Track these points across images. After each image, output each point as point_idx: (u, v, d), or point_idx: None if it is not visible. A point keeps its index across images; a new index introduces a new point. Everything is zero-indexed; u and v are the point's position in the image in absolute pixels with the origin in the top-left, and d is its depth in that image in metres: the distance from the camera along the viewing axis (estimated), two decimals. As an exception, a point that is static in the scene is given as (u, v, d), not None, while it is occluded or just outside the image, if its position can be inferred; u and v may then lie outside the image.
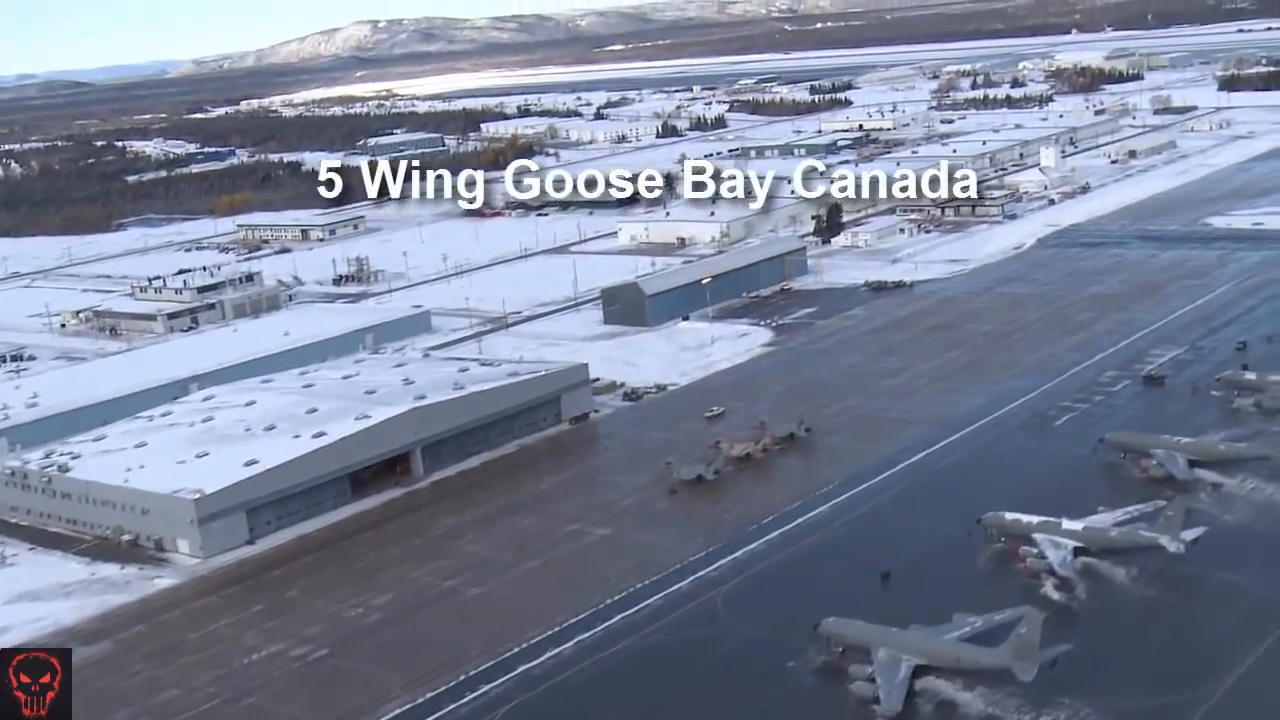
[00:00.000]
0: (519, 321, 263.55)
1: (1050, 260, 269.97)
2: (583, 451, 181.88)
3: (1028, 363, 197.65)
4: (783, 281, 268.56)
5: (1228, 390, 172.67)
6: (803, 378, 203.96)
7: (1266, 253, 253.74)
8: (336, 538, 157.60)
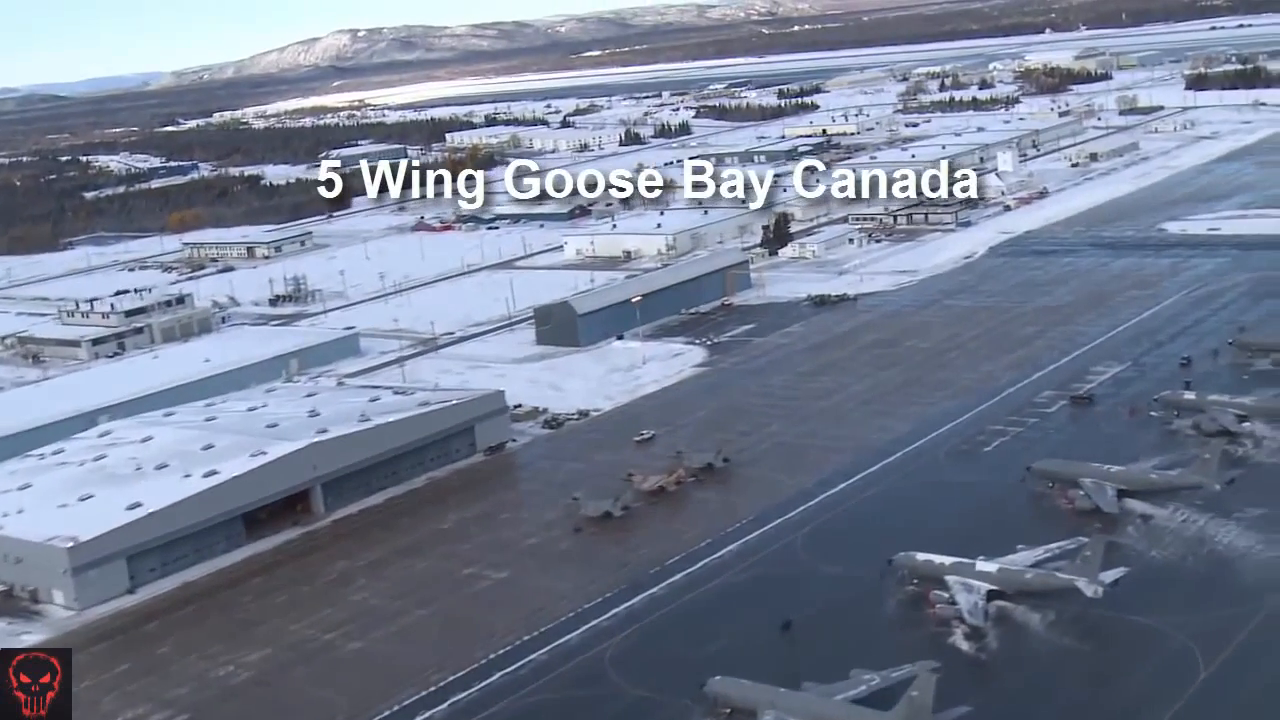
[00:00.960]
0: (450, 343, 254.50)
1: (1000, 270, 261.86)
2: (493, 485, 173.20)
3: (964, 382, 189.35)
4: (725, 296, 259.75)
5: (1166, 411, 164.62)
6: (730, 401, 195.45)
7: (1219, 260, 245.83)
8: (222, 585, 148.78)
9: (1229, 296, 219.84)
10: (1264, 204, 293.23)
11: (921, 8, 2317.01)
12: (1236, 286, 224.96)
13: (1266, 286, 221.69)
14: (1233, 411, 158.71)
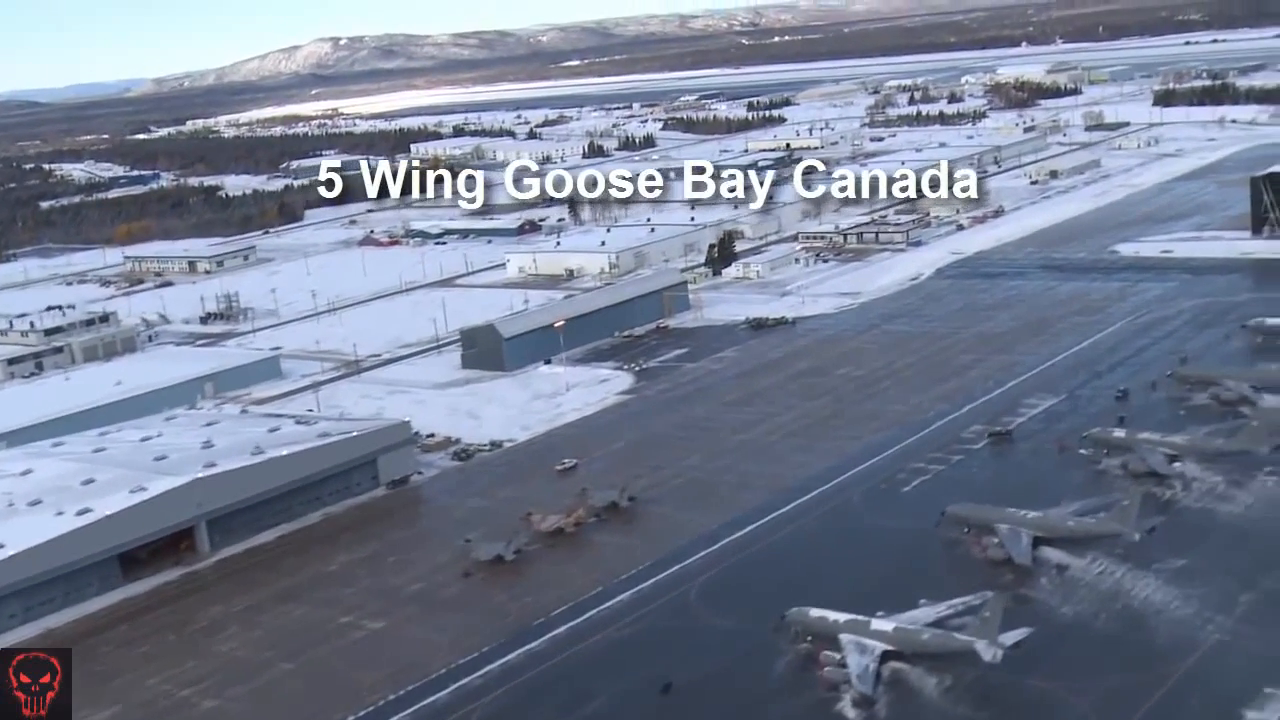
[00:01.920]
0: (376, 365, 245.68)
1: (944, 293, 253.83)
2: (389, 523, 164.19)
3: (891, 414, 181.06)
4: (661, 319, 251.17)
5: (1095, 449, 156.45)
6: (649, 432, 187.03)
7: (1169, 284, 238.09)
8: (87, 632, 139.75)
9: (1174, 324, 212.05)
10: (1220, 225, 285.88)
11: (902, 19, 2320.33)
12: (1182, 314, 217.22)
13: (1211, 314, 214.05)
14: (1163, 451, 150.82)
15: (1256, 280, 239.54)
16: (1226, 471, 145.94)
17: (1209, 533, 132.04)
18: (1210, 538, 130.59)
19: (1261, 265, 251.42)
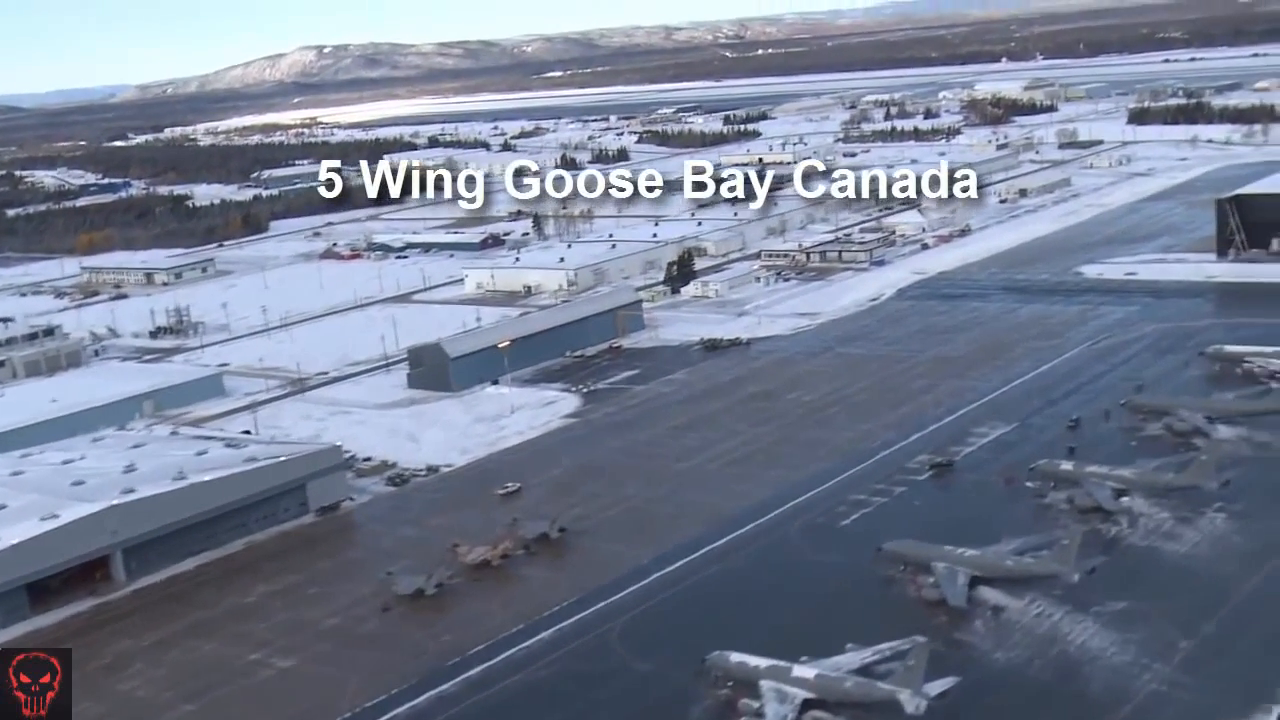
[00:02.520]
0: (322, 384, 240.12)
1: (904, 315, 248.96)
2: (314, 551, 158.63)
3: (838, 442, 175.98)
4: (614, 338, 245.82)
5: (1042, 482, 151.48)
6: (591, 458, 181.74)
7: (1130, 309, 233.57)
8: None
9: (1133, 350, 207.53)
10: (1186, 247, 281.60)
11: (886, 33, 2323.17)
12: (1142, 339, 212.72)
13: (1171, 339, 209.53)
14: (1111, 485, 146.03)
15: (1219, 304, 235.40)
16: (1175, 507, 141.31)
17: (1152, 573, 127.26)
18: (1153, 578, 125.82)
19: (1225, 289, 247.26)
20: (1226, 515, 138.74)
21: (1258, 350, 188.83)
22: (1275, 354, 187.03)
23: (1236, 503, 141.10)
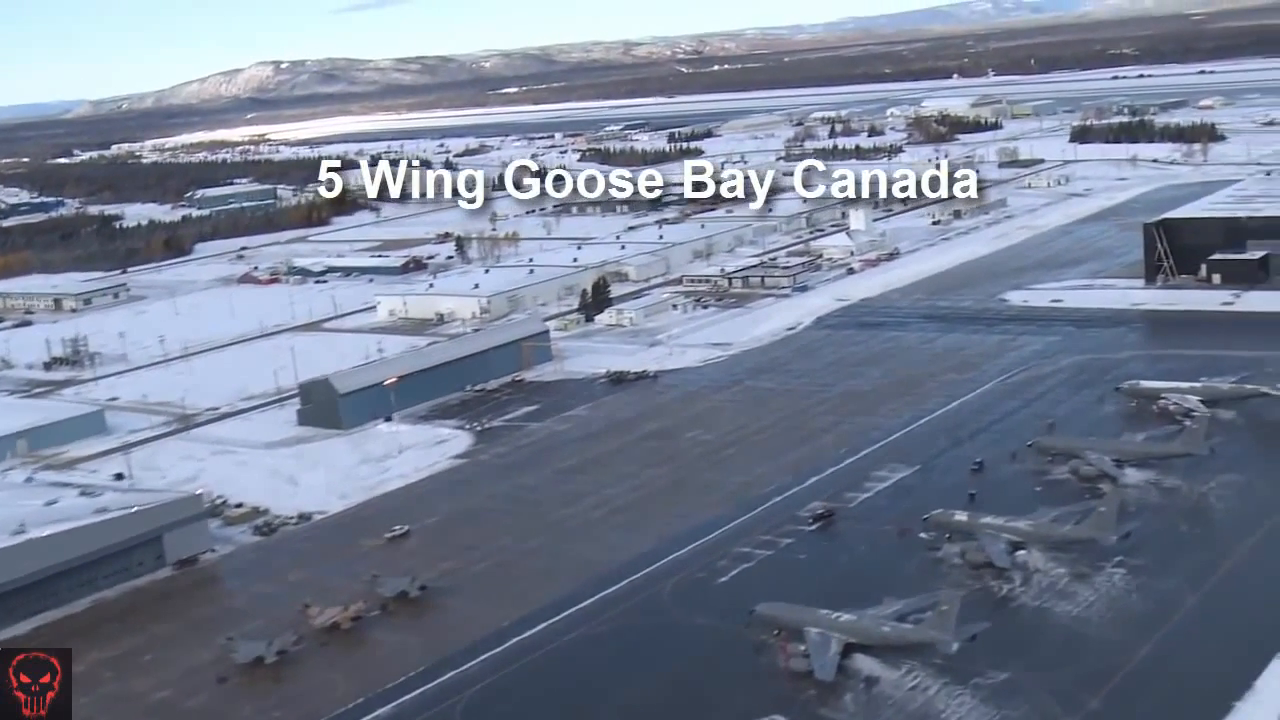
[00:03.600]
0: (211, 420, 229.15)
1: (819, 345, 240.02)
2: (161, 611, 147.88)
3: (731, 487, 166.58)
4: (518, 371, 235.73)
5: (937, 533, 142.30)
6: (472, 504, 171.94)
7: (1050, 339, 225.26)
8: None
9: (1049, 384, 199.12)
10: (1114, 272, 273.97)
11: (844, 49, 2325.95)
12: (1059, 372, 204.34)
13: (1090, 373, 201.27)
14: (1006, 537, 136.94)
15: (1142, 334, 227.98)
16: (1073, 562, 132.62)
17: (1040, 639, 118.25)
18: (1040, 645, 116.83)
19: (1150, 317, 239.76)
20: (1126, 571, 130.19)
21: (1173, 386, 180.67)
22: (1191, 390, 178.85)
23: (1138, 556, 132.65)
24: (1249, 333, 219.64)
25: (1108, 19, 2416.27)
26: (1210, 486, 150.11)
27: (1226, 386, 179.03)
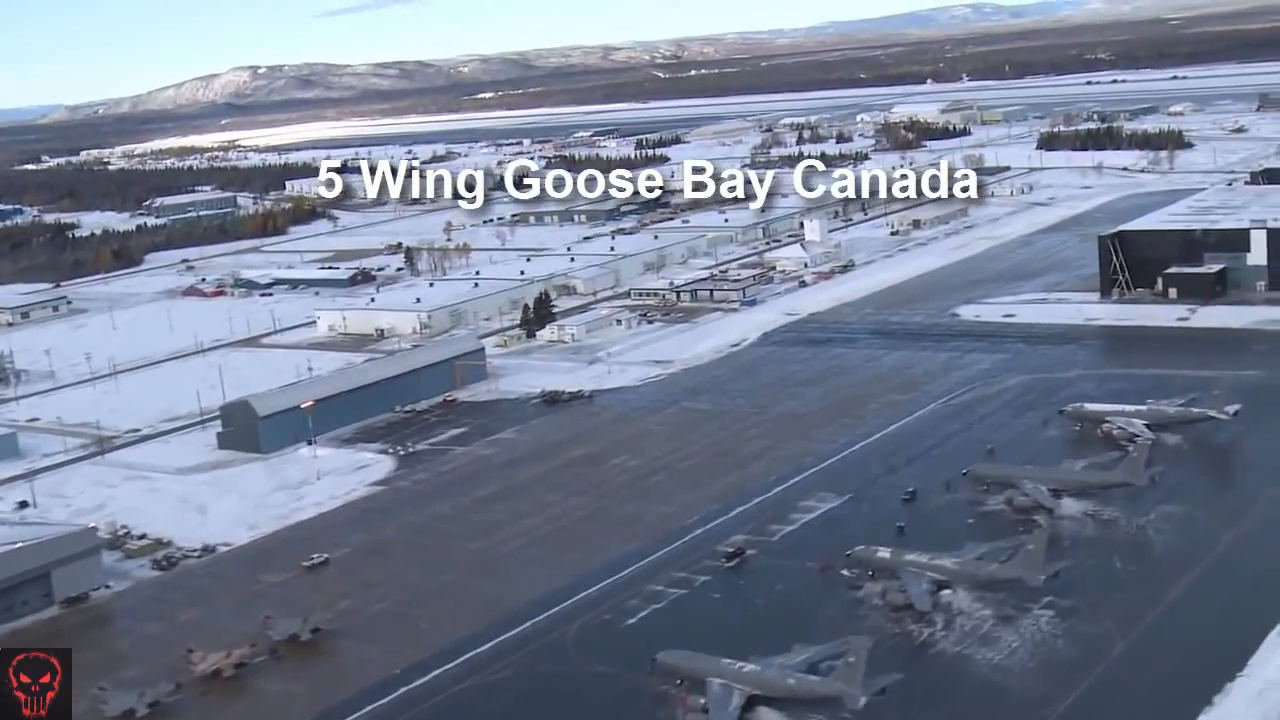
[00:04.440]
0: (131, 443, 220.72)
1: (762, 363, 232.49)
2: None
3: (652, 518, 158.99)
4: (452, 390, 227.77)
5: (860, 571, 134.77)
6: (382, 535, 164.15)
7: (999, 357, 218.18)
8: None
9: (993, 405, 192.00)
10: (1070, 286, 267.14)
11: (823, 53, 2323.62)
12: (1005, 392, 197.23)
13: (1035, 393, 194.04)
14: (930, 576, 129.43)
15: (1093, 352, 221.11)
16: (998, 603, 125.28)
17: (955, 691, 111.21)
18: (953, 699, 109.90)
19: (1103, 334, 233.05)
20: (1054, 613, 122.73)
21: (1118, 409, 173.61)
22: (1137, 413, 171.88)
23: (1068, 596, 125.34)
24: (1202, 350, 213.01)
25: (1086, 24, 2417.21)
26: (1149, 519, 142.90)
27: (1173, 410, 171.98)
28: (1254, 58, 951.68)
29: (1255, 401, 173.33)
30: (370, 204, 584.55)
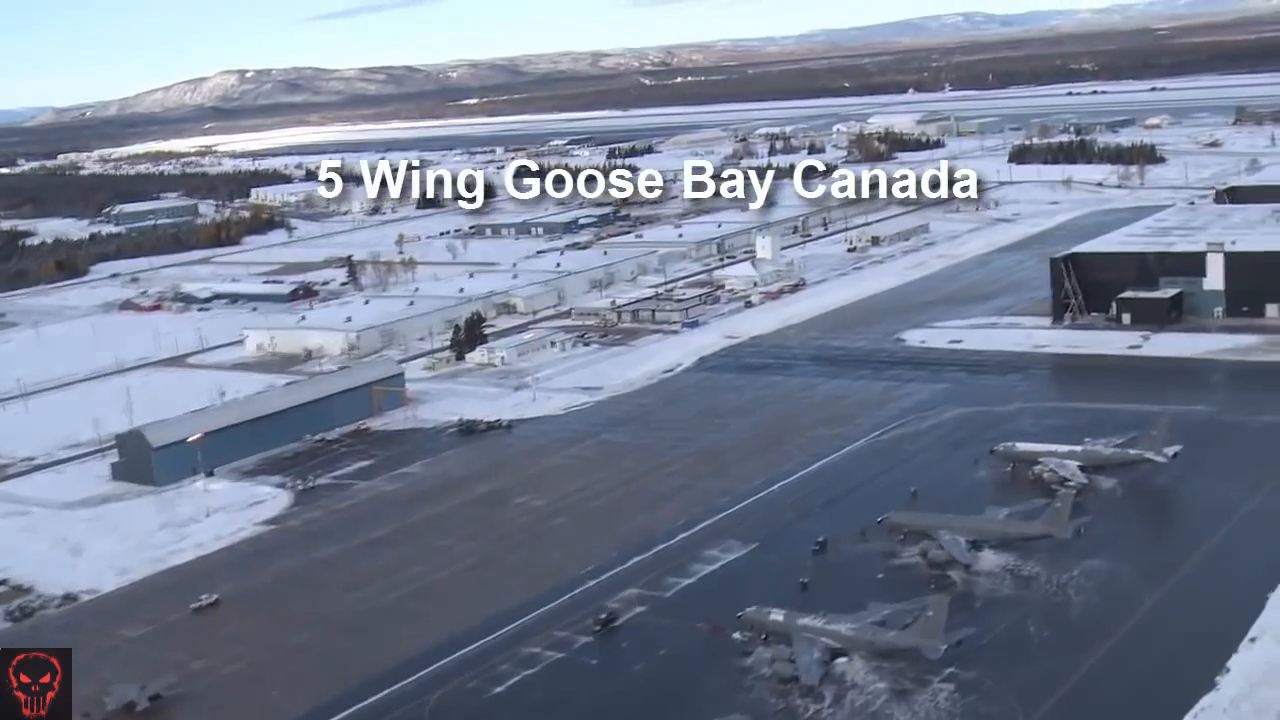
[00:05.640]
0: (21, 472, 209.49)
1: (693, 391, 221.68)
2: None
3: (544, 567, 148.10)
4: (367, 418, 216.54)
5: (752, 635, 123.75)
6: (255, 583, 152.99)
7: (939, 387, 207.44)
8: None
9: (924, 441, 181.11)
10: (1023, 309, 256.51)
11: (810, 61, 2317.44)
12: (938, 427, 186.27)
13: (971, 428, 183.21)
14: (824, 643, 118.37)
15: (1037, 382, 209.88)
16: (896, 674, 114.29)
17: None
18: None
19: (1050, 362, 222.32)
20: (954, 687, 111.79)
21: (1050, 450, 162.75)
22: (1070, 454, 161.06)
23: (973, 667, 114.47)
24: (1151, 381, 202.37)
25: (1075, 33, 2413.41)
26: (1072, 575, 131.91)
27: (1108, 451, 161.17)
28: (1234, 69, 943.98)
29: (1198, 441, 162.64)
30: (332, 213, 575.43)
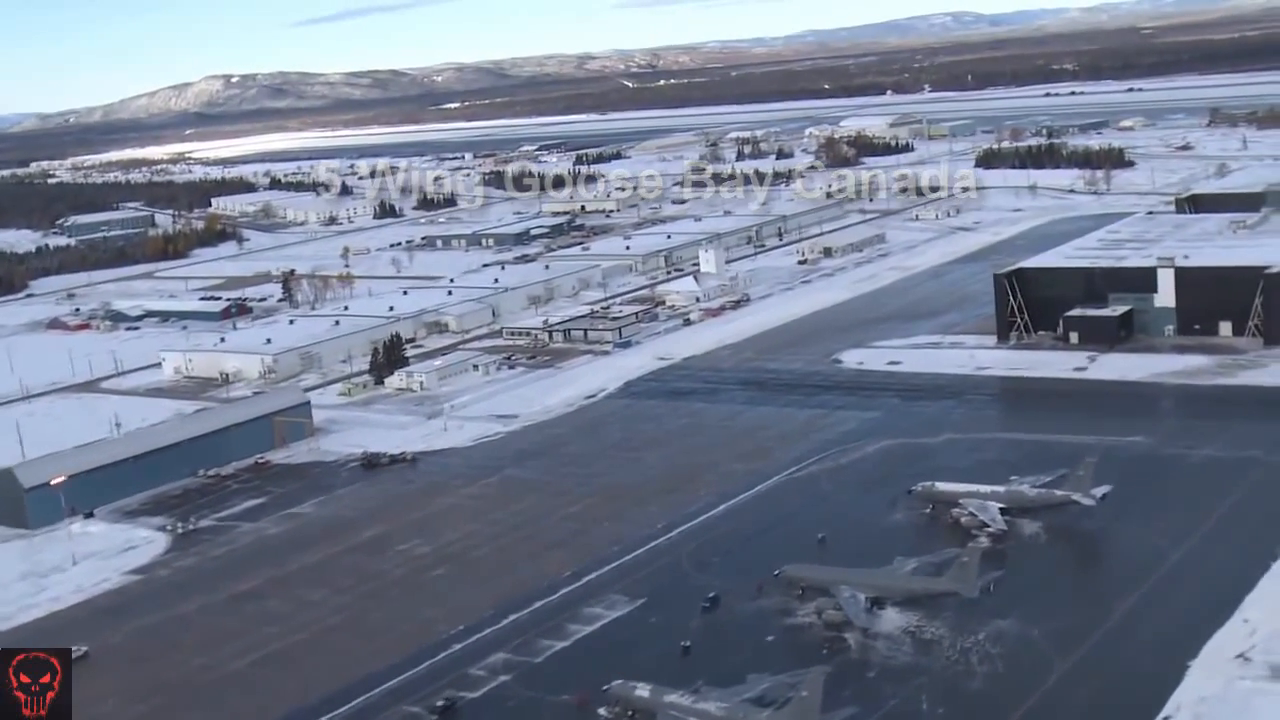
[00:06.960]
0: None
1: (612, 419, 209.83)
2: None
3: (409, 627, 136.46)
4: (268, 451, 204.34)
5: (619, 709, 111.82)
6: (105, 643, 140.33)
7: (868, 415, 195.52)
8: None
9: (843, 479, 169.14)
10: (968, 327, 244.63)
11: (794, 63, 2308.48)
12: (861, 463, 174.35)
13: (894, 463, 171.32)
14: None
15: (972, 409, 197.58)
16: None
17: None
18: None
19: (989, 386, 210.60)
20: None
21: (972, 490, 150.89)
22: (993, 495, 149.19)
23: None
24: (1093, 408, 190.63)
25: (1061, 33, 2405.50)
26: (978, 639, 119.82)
27: (1033, 493, 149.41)
28: (1214, 69, 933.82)
29: (1132, 479, 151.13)
30: (288, 224, 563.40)
